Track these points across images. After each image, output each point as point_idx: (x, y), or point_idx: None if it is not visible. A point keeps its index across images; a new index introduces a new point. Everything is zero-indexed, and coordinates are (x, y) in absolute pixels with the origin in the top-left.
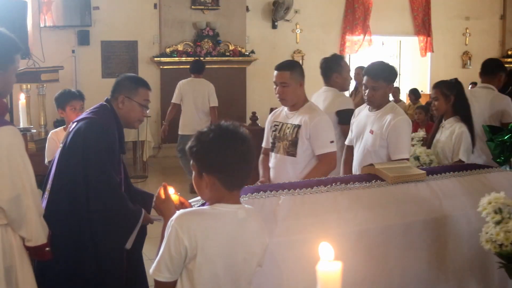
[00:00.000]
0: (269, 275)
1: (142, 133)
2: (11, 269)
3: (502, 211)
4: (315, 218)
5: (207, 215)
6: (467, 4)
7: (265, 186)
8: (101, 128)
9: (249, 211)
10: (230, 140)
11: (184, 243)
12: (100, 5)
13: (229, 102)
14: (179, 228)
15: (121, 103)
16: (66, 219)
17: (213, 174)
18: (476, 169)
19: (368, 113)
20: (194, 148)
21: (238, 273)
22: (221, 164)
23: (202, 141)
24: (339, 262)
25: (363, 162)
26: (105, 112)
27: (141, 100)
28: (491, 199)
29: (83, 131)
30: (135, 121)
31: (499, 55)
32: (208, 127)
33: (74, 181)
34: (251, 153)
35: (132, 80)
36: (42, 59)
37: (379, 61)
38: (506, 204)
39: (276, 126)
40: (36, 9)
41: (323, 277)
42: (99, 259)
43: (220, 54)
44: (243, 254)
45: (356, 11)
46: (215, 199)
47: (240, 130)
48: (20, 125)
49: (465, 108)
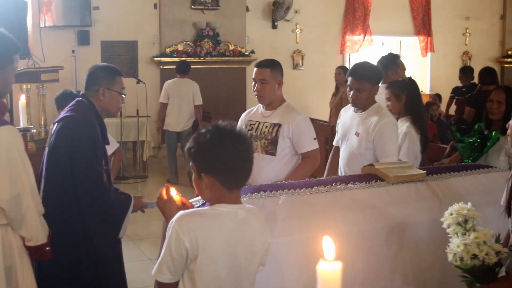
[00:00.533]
0: (269, 275)
1: (142, 133)
2: (11, 269)
3: (467, 223)
4: (315, 218)
5: (208, 215)
6: (467, 4)
7: (265, 186)
8: (82, 124)
9: (250, 210)
10: (228, 139)
11: (185, 244)
12: (100, 5)
13: (229, 102)
14: (180, 229)
15: (102, 95)
16: (60, 219)
17: (212, 174)
18: (477, 169)
19: (353, 115)
20: (193, 149)
21: (240, 273)
22: (220, 164)
23: (200, 142)
24: (339, 262)
25: (349, 164)
26: (83, 108)
27: (120, 89)
28: (454, 210)
29: (65, 130)
30: (116, 110)
31: (499, 55)
32: (205, 127)
33: (64, 181)
34: (249, 152)
35: (107, 70)
36: (42, 59)
37: (364, 61)
38: (470, 216)
39: (252, 125)
40: (36, 9)
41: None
42: (94, 256)
43: (220, 54)
44: (245, 254)
45: (356, 11)
46: (215, 199)
47: (238, 130)
48: (20, 125)
49: (416, 108)
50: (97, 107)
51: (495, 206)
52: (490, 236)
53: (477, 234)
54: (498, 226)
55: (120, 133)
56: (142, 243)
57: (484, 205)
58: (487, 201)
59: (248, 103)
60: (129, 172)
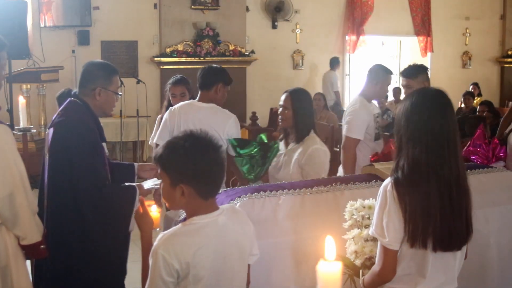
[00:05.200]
0: (269, 275)
1: (142, 133)
2: (6, 269)
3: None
4: (315, 218)
5: (189, 233)
6: (467, 4)
7: (265, 186)
8: (78, 127)
9: (228, 211)
10: (205, 148)
11: (175, 267)
12: (100, 5)
13: (229, 102)
14: (167, 254)
15: (98, 95)
16: (63, 222)
17: (190, 183)
18: (476, 169)
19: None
20: (166, 159)
21: (232, 274)
22: (199, 172)
23: (176, 151)
24: (339, 262)
25: None
26: (76, 109)
27: (116, 89)
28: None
29: (61, 135)
30: (111, 109)
31: (499, 55)
32: (179, 136)
33: (66, 187)
34: (223, 160)
35: (103, 69)
36: (42, 59)
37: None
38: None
39: None
40: (36, 9)
41: (323, 277)
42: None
43: (220, 54)
44: (234, 254)
45: (356, 11)
46: (191, 210)
47: (212, 138)
48: (20, 125)
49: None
50: (92, 106)
51: (495, 206)
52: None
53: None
54: (498, 226)
55: (120, 133)
56: None
57: (484, 205)
58: (487, 201)
59: (248, 103)
60: None
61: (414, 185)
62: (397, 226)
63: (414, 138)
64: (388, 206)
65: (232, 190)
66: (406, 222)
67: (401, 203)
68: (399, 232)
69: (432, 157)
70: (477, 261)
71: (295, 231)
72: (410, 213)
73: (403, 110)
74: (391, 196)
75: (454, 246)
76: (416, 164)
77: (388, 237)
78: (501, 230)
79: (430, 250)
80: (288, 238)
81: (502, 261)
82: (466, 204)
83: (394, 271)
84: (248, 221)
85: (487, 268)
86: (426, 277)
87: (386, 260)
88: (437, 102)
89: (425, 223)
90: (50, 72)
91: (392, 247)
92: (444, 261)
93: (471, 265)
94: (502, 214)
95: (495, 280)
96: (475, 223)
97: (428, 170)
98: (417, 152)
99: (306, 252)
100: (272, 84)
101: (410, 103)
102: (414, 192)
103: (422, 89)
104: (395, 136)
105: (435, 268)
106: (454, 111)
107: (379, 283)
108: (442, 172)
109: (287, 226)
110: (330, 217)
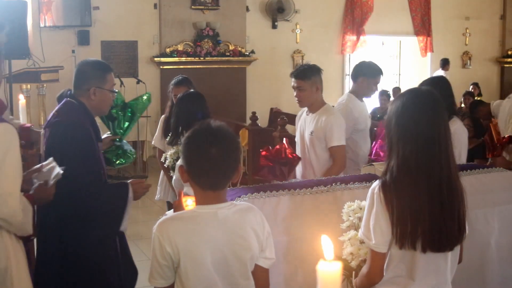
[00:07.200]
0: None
1: (142, 133)
2: (6, 270)
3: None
4: (315, 218)
5: (186, 219)
6: (467, 4)
7: (265, 186)
8: (73, 128)
9: (237, 207)
10: (201, 140)
11: (167, 250)
12: (100, 5)
13: (229, 102)
14: (160, 235)
15: (93, 94)
16: (56, 221)
17: (187, 171)
18: (476, 169)
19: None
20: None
21: (230, 270)
22: (190, 166)
23: (183, 141)
24: (339, 262)
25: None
26: (71, 109)
27: (111, 86)
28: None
29: (57, 136)
30: (108, 107)
31: (499, 55)
32: (194, 125)
33: (63, 188)
34: (224, 158)
35: (96, 68)
36: (42, 59)
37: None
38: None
39: None
40: (36, 9)
41: (323, 277)
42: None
43: (220, 54)
44: (232, 250)
45: (356, 11)
46: (197, 198)
47: (216, 131)
48: None
49: None
50: (88, 106)
51: (495, 206)
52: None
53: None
54: (498, 226)
55: None
56: (142, 243)
57: (484, 205)
58: (487, 201)
59: (248, 103)
60: (129, 172)
61: (403, 186)
62: (384, 229)
63: (404, 138)
64: (375, 208)
65: (232, 190)
66: (394, 225)
67: (388, 206)
68: (386, 234)
69: (422, 157)
70: (477, 261)
71: (295, 231)
72: (398, 215)
73: (394, 110)
74: (378, 198)
75: (446, 246)
76: (407, 164)
77: (375, 240)
78: (501, 230)
79: (420, 251)
80: (288, 238)
81: (502, 261)
82: (458, 204)
83: (382, 273)
84: (263, 222)
85: (487, 268)
86: (416, 280)
87: (373, 262)
88: (428, 102)
89: (414, 224)
90: (50, 72)
91: (379, 250)
92: (435, 264)
93: (471, 265)
94: (502, 214)
95: (495, 280)
96: (475, 223)
97: (418, 170)
98: (408, 152)
99: (306, 252)
100: (272, 84)
101: (401, 103)
102: (402, 193)
103: (413, 89)
104: (386, 137)
105: (425, 270)
106: (445, 111)
107: (368, 285)
108: (433, 172)
109: (287, 226)
110: (330, 217)
